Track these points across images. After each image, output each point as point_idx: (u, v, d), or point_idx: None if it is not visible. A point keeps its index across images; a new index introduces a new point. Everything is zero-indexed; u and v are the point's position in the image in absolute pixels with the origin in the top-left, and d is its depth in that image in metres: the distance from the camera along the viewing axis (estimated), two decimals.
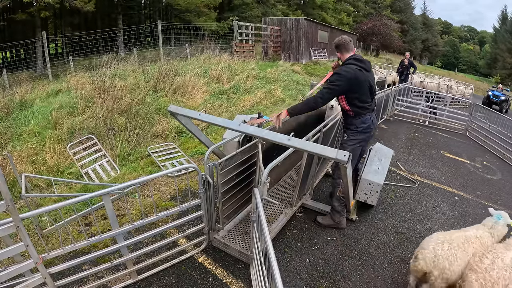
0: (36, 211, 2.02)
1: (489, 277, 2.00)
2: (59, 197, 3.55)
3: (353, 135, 3.09)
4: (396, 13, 43.60)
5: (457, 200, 4.52)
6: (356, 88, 2.90)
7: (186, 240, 3.11)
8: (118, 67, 8.52)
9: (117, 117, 5.77)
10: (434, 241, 2.32)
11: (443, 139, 7.81)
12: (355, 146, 3.10)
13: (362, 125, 3.04)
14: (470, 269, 2.11)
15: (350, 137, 3.10)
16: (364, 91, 2.95)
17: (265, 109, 7.81)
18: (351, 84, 2.85)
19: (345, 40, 3.03)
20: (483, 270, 2.05)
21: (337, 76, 2.85)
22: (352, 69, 2.86)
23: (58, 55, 17.36)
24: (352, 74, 2.83)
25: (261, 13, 27.15)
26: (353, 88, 2.88)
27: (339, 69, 2.91)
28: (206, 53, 11.28)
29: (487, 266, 2.06)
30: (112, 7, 23.15)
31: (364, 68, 2.93)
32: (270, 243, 1.76)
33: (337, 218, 3.39)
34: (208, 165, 2.67)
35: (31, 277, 2.05)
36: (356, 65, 2.89)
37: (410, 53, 11.75)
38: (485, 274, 2.02)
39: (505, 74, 42.06)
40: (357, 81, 2.86)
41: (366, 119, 3.04)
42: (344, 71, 2.84)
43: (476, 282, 2.01)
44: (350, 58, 2.96)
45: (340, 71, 2.87)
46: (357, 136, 3.08)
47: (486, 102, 13.80)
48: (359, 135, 3.08)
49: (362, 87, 2.92)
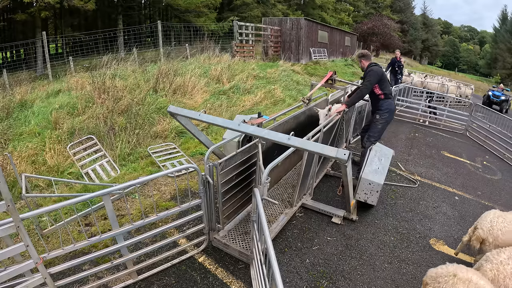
0: (36, 211, 2.02)
1: (503, 269, 2.17)
2: (59, 197, 3.54)
3: (383, 114, 4.33)
4: (396, 13, 43.59)
5: (457, 200, 4.51)
6: (383, 79, 4.28)
7: (186, 240, 3.11)
8: (118, 67, 8.51)
9: (117, 117, 5.77)
10: (491, 216, 2.82)
11: (443, 139, 7.80)
12: (383, 123, 4.37)
13: (388, 107, 4.32)
14: (486, 260, 2.30)
15: (382, 116, 4.33)
16: (387, 82, 4.41)
17: (265, 109, 7.81)
18: (380, 76, 4.21)
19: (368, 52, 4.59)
20: (498, 262, 2.24)
21: (371, 73, 4.17)
22: (377, 67, 4.26)
23: (58, 55, 17.35)
24: (379, 70, 4.23)
25: (261, 13, 27.14)
26: (381, 79, 4.24)
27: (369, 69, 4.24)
28: (206, 53, 11.27)
29: (503, 260, 2.25)
30: (112, 7, 23.15)
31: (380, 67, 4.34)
32: (270, 243, 1.76)
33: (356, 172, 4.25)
34: (208, 165, 2.67)
35: (31, 277, 2.05)
36: (377, 66, 4.32)
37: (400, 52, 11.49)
38: (500, 266, 2.20)
39: (505, 74, 42.02)
40: (383, 75, 4.27)
41: (390, 103, 4.36)
42: (374, 69, 4.22)
43: (490, 272, 2.20)
44: (371, 64, 4.32)
45: (371, 69, 4.23)
46: (385, 115, 4.34)
47: (486, 102, 13.77)
48: (387, 115, 4.34)
49: (386, 79, 4.38)
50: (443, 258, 3.20)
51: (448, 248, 3.37)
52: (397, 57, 10.48)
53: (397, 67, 10.47)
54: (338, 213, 3.61)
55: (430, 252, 3.27)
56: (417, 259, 3.14)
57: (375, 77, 4.16)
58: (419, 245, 3.37)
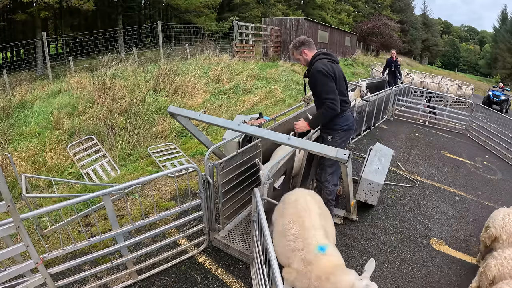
0: (36, 212, 2.02)
1: (507, 264, 2.25)
2: (59, 197, 3.54)
3: (338, 135, 2.94)
4: (396, 13, 43.54)
5: (457, 200, 4.51)
6: (335, 80, 2.75)
7: (186, 241, 3.11)
8: (118, 67, 8.52)
9: (117, 117, 5.77)
10: (502, 213, 2.82)
11: (444, 139, 7.80)
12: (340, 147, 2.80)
13: (345, 123, 2.93)
14: (492, 257, 2.39)
15: (336, 138, 2.94)
16: (341, 83, 2.83)
17: (265, 109, 7.80)
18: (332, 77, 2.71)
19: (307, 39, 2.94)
20: (502, 258, 2.32)
21: (318, 75, 2.71)
22: (324, 62, 2.75)
23: (58, 55, 17.36)
24: (328, 67, 2.71)
25: (261, 13, 27.12)
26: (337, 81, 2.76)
27: (314, 68, 2.75)
28: (206, 53, 11.27)
29: (507, 256, 2.31)
30: (112, 8, 23.15)
31: (334, 60, 2.84)
32: (270, 243, 1.76)
33: None
34: (208, 165, 2.67)
35: (31, 278, 2.05)
36: (326, 59, 2.79)
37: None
38: (504, 262, 2.26)
39: (505, 74, 41.97)
40: (334, 72, 2.74)
41: (348, 116, 2.94)
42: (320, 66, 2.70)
43: (495, 267, 2.28)
44: (317, 54, 2.86)
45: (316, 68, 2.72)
46: (341, 135, 2.96)
47: (486, 102, 13.78)
48: (344, 133, 2.97)
49: (339, 79, 2.80)
50: (444, 258, 3.20)
51: (448, 248, 3.37)
52: (393, 57, 10.45)
53: (394, 67, 10.44)
54: (338, 213, 3.61)
55: (430, 252, 3.27)
56: (417, 259, 3.14)
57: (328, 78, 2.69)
58: (419, 245, 3.37)
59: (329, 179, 3.06)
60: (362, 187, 3.61)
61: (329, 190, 3.09)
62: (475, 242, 3.53)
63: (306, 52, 2.89)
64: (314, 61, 2.82)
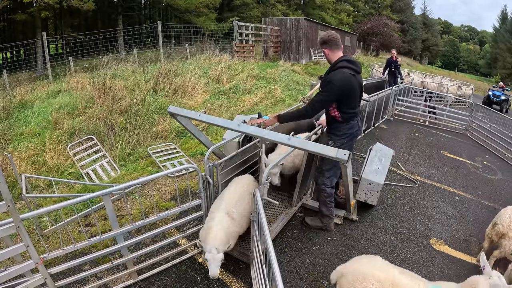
0: (36, 212, 2.02)
1: None
2: (59, 197, 3.54)
3: (340, 141, 2.93)
4: (396, 13, 43.55)
5: (457, 200, 4.51)
6: (348, 96, 2.72)
7: (186, 241, 3.11)
8: (118, 67, 8.52)
9: (117, 117, 5.77)
10: (510, 212, 2.94)
11: (444, 139, 7.80)
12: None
13: (350, 131, 2.91)
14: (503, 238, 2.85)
15: (337, 144, 2.92)
16: (355, 97, 2.82)
17: (265, 109, 7.80)
18: (343, 93, 2.67)
19: (335, 36, 2.75)
20: None
21: (330, 85, 2.64)
22: (345, 75, 2.65)
23: (58, 55, 17.37)
24: (346, 82, 2.64)
25: (261, 13, 27.13)
26: (344, 96, 2.71)
27: (332, 76, 2.68)
28: (206, 53, 11.27)
29: None
30: (112, 8, 23.17)
31: (356, 70, 2.75)
32: (270, 243, 1.76)
33: (325, 221, 3.36)
34: (208, 165, 2.67)
35: (31, 278, 2.05)
36: (349, 68, 2.69)
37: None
38: None
39: (505, 74, 41.97)
40: (349, 91, 2.70)
41: (353, 125, 2.92)
42: (338, 79, 2.63)
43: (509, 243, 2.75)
44: (341, 60, 2.73)
45: (333, 79, 2.64)
46: (343, 141, 2.93)
47: (486, 102, 13.77)
48: (347, 141, 2.94)
49: (353, 95, 2.78)
50: (444, 258, 3.20)
51: (449, 248, 3.37)
52: (393, 57, 10.44)
53: (394, 67, 10.43)
54: (338, 213, 3.60)
55: (430, 252, 3.27)
56: (417, 259, 3.14)
57: (334, 94, 2.65)
58: (419, 245, 3.37)
59: (327, 182, 3.13)
60: (362, 187, 3.61)
61: (326, 193, 3.19)
62: (475, 242, 3.53)
63: (326, 52, 2.81)
64: (336, 67, 2.73)
